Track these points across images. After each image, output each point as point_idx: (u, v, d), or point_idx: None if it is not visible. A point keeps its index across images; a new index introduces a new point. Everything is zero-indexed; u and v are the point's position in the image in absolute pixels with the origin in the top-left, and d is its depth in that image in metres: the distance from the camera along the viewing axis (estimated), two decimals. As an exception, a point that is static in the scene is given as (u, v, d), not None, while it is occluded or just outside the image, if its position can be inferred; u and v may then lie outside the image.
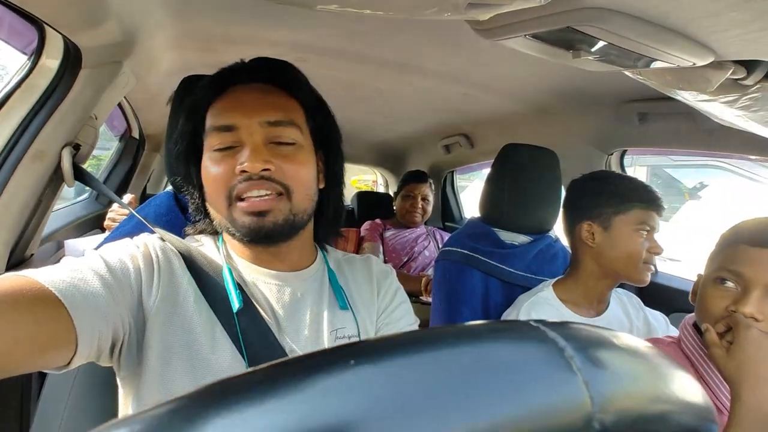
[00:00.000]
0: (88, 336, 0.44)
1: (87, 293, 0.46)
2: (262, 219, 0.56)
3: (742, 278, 0.65)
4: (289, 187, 0.57)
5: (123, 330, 0.50)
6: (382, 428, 0.12)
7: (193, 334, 0.54)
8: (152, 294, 0.54)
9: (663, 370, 0.18)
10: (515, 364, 0.14)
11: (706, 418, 0.18)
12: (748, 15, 0.49)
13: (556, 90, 1.31)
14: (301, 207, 0.59)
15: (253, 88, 0.60)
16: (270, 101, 0.59)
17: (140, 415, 0.13)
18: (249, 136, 0.56)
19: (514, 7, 0.49)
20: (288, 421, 0.12)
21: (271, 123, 0.57)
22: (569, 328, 0.16)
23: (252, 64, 0.63)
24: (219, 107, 0.59)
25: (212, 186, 0.58)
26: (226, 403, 0.13)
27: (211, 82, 0.62)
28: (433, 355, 0.14)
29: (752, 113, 0.75)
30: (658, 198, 0.93)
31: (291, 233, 0.60)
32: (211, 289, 0.57)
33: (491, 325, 0.16)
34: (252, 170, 0.54)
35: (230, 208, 0.57)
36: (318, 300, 0.63)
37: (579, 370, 0.14)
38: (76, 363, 0.45)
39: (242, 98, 0.59)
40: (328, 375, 0.13)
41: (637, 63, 0.64)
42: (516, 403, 0.13)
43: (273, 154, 0.56)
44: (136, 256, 0.55)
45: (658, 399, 0.17)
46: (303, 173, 0.59)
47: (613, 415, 0.14)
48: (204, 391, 0.13)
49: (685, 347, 0.72)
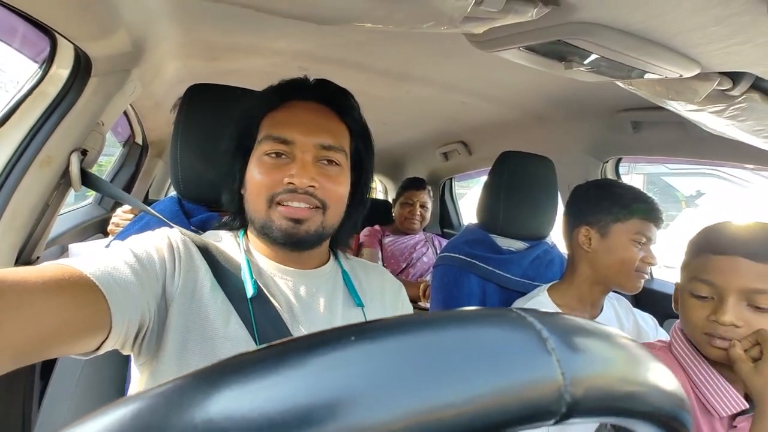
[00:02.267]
0: (120, 321, 0.47)
1: (120, 281, 0.49)
2: (297, 226, 0.60)
3: (715, 287, 0.66)
4: (326, 203, 0.62)
5: (148, 317, 0.53)
6: (377, 395, 0.14)
7: (208, 321, 0.57)
8: (174, 282, 0.57)
9: (635, 356, 0.20)
10: (497, 343, 0.16)
11: (679, 406, 0.20)
12: (729, 29, 0.51)
13: (552, 99, 1.34)
14: (331, 222, 0.64)
15: (310, 107, 0.65)
16: (325, 125, 0.64)
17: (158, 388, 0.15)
18: (302, 153, 0.61)
19: (507, 21, 0.51)
20: (296, 390, 0.14)
21: (324, 146, 0.62)
22: (547, 314, 0.18)
23: (315, 84, 0.67)
24: (278, 118, 0.64)
25: (257, 187, 0.62)
26: (238, 374, 0.14)
27: (273, 92, 0.67)
28: (425, 334, 0.16)
29: (740, 122, 0.77)
30: (659, 211, 0.94)
31: (317, 243, 0.65)
32: (228, 279, 0.60)
33: (477, 311, 0.18)
34: (300, 185, 0.60)
35: (269, 210, 0.61)
36: (332, 296, 0.66)
37: (553, 350, 0.16)
38: (105, 348, 0.48)
39: (301, 116, 0.64)
40: (332, 349, 0.15)
41: (627, 74, 0.67)
42: (496, 376, 0.15)
43: (319, 172, 0.61)
44: (160, 247, 0.58)
45: (628, 380, 0.18)
46: (340, 192, 0.64)
47: (583, 390, 0.16)
48: (220, 364, 0.15)
49: (676, 352, 0.73)
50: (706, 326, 0.66)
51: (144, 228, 0.83)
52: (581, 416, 0.16)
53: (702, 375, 0.69)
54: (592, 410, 0.16)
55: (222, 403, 0.14)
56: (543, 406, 0.15)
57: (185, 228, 0.79)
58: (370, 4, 0.48)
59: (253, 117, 0.66)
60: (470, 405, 0.14)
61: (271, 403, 0.14)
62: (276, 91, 0.67)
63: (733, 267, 0.65)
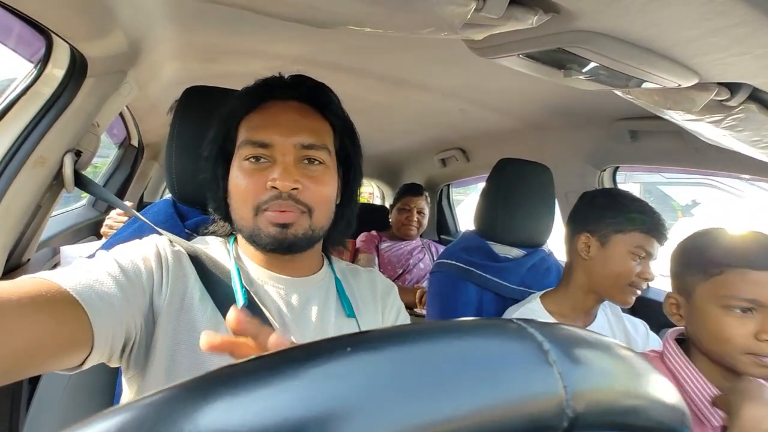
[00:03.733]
0: (103, 336, 0.45)
1: (103, 294, 0.47)
2: (285, 231, 0.59)
3: (757, 302, 0.64)
4: (311, 207, 0.60)
5: (135, 330, 0.51)
6: (374, 409, 0.13)
7: (197, 332, 0.55)
8: (162, 294, 0.55)
9: (637, 368, 0.19)
10: (496, 355, 0.15)
11: (680, 420, 0.20)
12: (726, 41, 0.51)
13: (550, 107, 1.34)
14: (319, 224, 0.62)
15: (289, 106, 0.63)
16: (306, 124, 0.62)
17: (145, 399, 0.14)
18: (282, 155, 0.59)
19: (507, 28, 0.51)
20: (291, 401, 0.13)
21: (305, 146, 0.60)
22: (547, 325, 0.18)
23: (291, 82, 0.65)
24: (256, 121, 0.62)
25: (241, 195, 0.61)
26: (230, 384, 0.14)
27: (249, 94, 0.64)
28: (423, 345, 0.15)
29: (737, 133, 0.77)
30: (663, 227, 0.92)
31: (308, 246, 0.63)
32: (217, 288, 0.58)
33: (476, 321, 0.17)
34: (282, 188, 0.58)
35: (256, 218, 0.60)
36: (324, 305, 0.65)
37: (554, 362, 0.16)
38: (89, 363, 0.46)
39: (279, 117, 0.62)
40: (328, 360, 0.14)
41: (626, 83, 0.67)
42: (496, 389, 0.15)
43: (302, 173, 0.59)
44: (148, 258, 0.56)
45: (630, 394, 0.18)
46: (326, 193, 0.62)
47: (585, 404, 0.16)
48: (211, 375, 0.15)
49: (669, 361, 0.73)
50: (752, 346, 0.63)
51: (137, 231, 0.82)
52: (582, 431, 0.15)
53: (695, 385, 0.68)
54: (594, 425, 0.16)
55: (212, 415, 0.13)
56: (544, 421, 0.15)
57: (179, 231, 0.79)
58: (370, 8, 0.48)
59: (231, 120, 0.64)
60: (468, 419, 0.14)
61: (262, 416, 0.13)
62: (252, 92, 0.64)
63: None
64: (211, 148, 0.65)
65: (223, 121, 0.65)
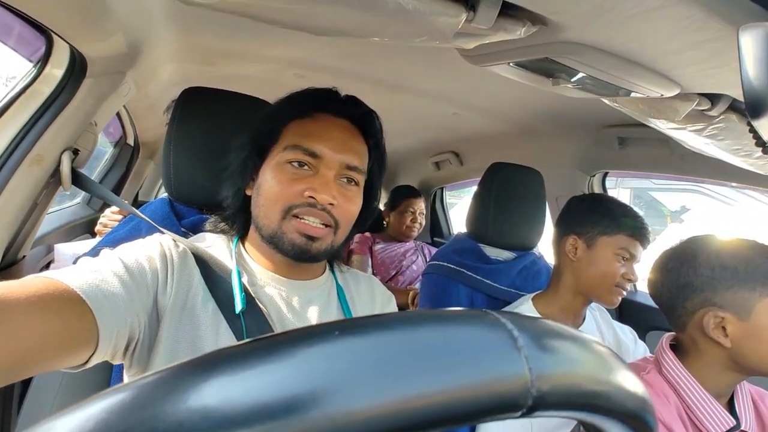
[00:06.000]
0: (108, 335, 0.46)
1: (108, 293, 0.48)
2: (311, 243, 0.60)
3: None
4: (339, 223, 0.62)
5: (138, 329, 0.52)
6: (360, 384, 0.15)
7: (199, 331, 0.56)
8: (167, 293, 0.56)
9: (602, 357, 0.21)
10: (471, 340, 0.17)
11: (642, 406, 0.21)
12: (706, 53, 0.54)
13: (541, 113, 1.37)
14: (340, 240, 0.64)
15: (339, 123, 0.64)
16: (353, 145, 0.63)
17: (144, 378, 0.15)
18: (327, 169, 0.61)
19: (497, 38, 0.53)
20: (283, 381, 0.15)
21: (349, 166, 0.62)
22: (519, 316, 0.20)
23: (346, 100, 0.67)
24: (308, 128, 0.62)
25: (273, 195, 0.60)
26: (223, 366, 0.15)
27: (303, 100, 0.65)
28: (404, 330, 0.17)
29: (719, 141, 0.80)
30: (646, 230, 0.96)
31: (326, 258, 0.65)
32: (220, 288, 0.59)
33: (457, 311, 0.19)
34: (321, 201, 0.59)
35: (283, 221, 0.60)
36: (325, 309, 0.65)
37: (522, 347, 0.18)
38: (94, 361, 0.47)
39: (331, 131, 0.62)
40: (317, 342, 0.16)
41: (611, 92, 0.69)
42: (469, 369, 0.16)
43: (339, 191, 0.61)
44: (152, 257, 0.57)
45: (593, 379, 0.20)
46: (354, 212, 0.64)
47: (549, 385, 0.17)
48: (207, 356, 0.16)
49: (668, 373, 0.71)
50: None
51: (134, 229, 0.83)
52: (547, 410, 0.17)
53: (694, 396, 0.68)
54: (557, 404, 0.18)
55: (216, 389, 0.15)
56: (511, 398, 0.16)
57: (176, 230, 0.79)
58: (367, 18, 0.50)
59: (279, 119, 0.64)
60: (444, 395, 0.15)
61: (261, 390, 0.15)
62: (306, 99, 0.65)
63: None
64: (246, 141, 0.65)
65: (269, 117, 0.65)
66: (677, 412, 0.68)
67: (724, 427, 0.66)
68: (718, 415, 0.67)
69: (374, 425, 0.14)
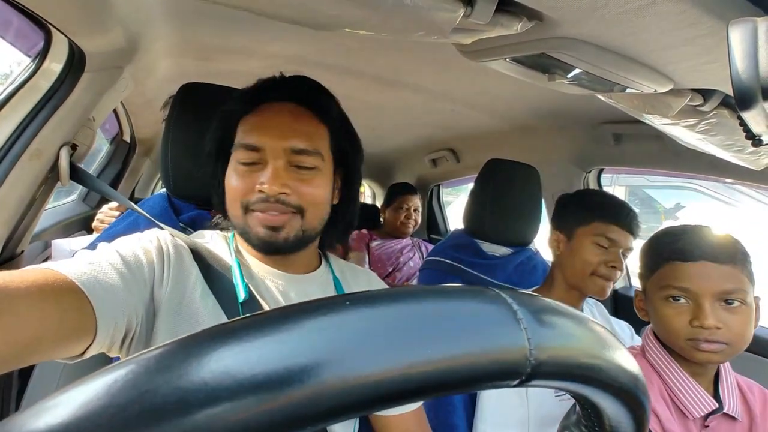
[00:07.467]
0: (105, 325, 0.47)
1: (106, 285, 0.48)
2: (275, 234, 0.60)
3: (690, 293, 0.68)
4: (302, 207, 0.61)
5: (136, 321, 0.52)
6: (371, 352, 0.16)
7: (198, 325, 0.56)
8: (163, 286, 0.56)
9: (598, 334, 0.22)
10: (474, 313, 0.18)
11: (634, 383, 0.22)
12: (698, 49, 0.55)
13: (537, 109, 1.38)
14: (311, 225, 0.63)
15: (284, 108, 0.62)
16: (298, 128, 0.62)
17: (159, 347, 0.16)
18: (273, 159, 0.60)
19: (494, 33, 0.54)
20: (300, 346, 0.16)
21: (295, 151, 0.60)
22: (520, 292, 0.21)
23: (287, 83, 0.65)
24: (250, 124, 0.62)
25: (231, 195, 0.62)
26: (239, 334, 0.16)
27: (246, 95, 0.65)
28: (412, 303, 0.18)
29: (711, 137, 0.82)
30: (623, 213, 0.94)
31: (300, 247, 0.64)
32: (218, 282, 0.60)
33: (462, 288, 0.20)
34: (270, 192, 0.58)
35: (245, 216, 0.61)
36: None
37: (521, 320, 0.19)
38: (91, 352, 0.47)
39: (272, 120, 0.62)
40: (330, 311, 0.17)
41: (606, 88, 0.71)
42: (473, 338, 0.17)
43: (291, 177, 0.60)
44: (149, 250, 0.57)
45: (588, 353, 0.21)
46: (317, 195, 0.62)
47: (546, 355, 0.18)
48: (222, 326, 0.17)
49: (650, 356, 0.75)
50: (690, 332, 0.67)
51: (132, 225, 0.83)
52: (544, 379, 0.18)
53: (676, 379, 0.71)
54: (554, 374, 0.19)
55: (233, 356, 0.15)
56: (511, 366, 0.17)
57: (174, 225, 0.80)
58: (366, 12, 0.51)
59: (229, 121, 0.64)
60: (450, 362, 0.16)
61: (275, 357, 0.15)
62: (249, 94, 0.65)
63: (705, 272, 0.68)
64: (211, 147, 0.67)
65: (221, 121, 0.66)
66: (660, 394, 0.70)
67: (706, 409, 0.68)
68: (699, 396, 0.69)
69: (385, 387, 0.15)
